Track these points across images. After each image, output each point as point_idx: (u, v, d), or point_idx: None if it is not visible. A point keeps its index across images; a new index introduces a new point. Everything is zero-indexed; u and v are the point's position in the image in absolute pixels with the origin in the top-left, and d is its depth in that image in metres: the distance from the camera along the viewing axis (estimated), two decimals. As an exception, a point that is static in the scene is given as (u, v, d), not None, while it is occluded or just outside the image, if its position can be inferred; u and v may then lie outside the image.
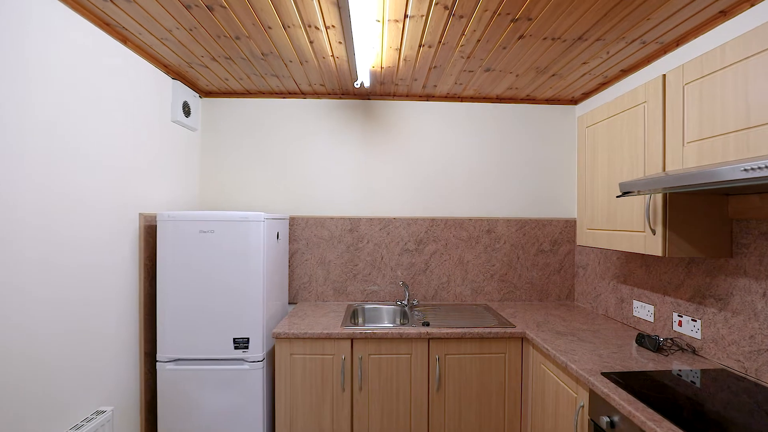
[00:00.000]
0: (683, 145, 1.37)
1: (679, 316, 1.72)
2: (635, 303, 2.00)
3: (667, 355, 1.60)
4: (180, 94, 2.29)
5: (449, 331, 1.96)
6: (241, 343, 1.94)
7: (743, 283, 1.44)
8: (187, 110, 2.37)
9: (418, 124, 2.62)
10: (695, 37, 1.67)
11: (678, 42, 1.74)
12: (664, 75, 1.46)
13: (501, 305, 2.51)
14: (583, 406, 1.48)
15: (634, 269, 2.02)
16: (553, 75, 2.16)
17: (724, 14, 1.52)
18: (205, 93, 2.56)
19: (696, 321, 1.63)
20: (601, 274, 2.31)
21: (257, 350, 1.97)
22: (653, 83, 1.51)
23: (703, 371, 1.44)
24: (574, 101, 2.61)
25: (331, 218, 2.57)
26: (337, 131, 2.59)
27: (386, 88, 2.45)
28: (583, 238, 1.99)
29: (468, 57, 1.96)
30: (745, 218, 1.43)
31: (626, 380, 1.36)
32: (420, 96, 2.60)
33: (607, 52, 1.87)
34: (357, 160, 2.59)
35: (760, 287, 1.38)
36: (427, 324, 2.04)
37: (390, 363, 1.96)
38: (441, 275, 2.60)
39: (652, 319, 1.88)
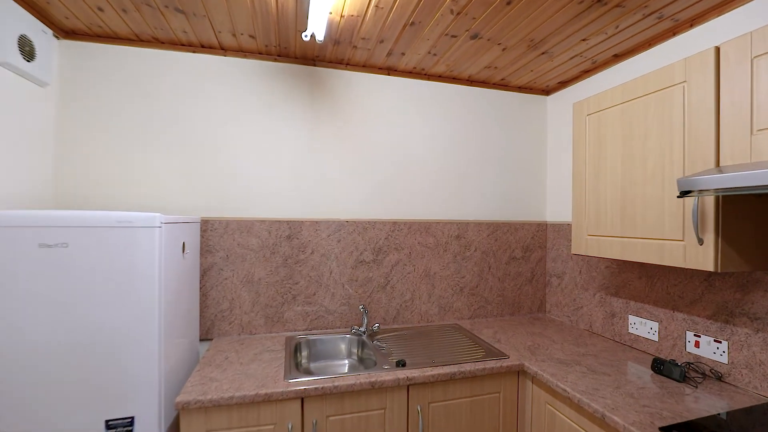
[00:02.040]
0: (752, 133, 1.10)
1: (696, 335, 1.50)
2: (631, 318, 1.77)
3: (696, 387, 1.35)
4: (11, 21, 1.42)
5: (435, 372, 1.49)
6: (121, 426, 1.20)
7: (792, 300, 1.23)
8: (27, 50, 1.50)
9: (378, 104, 2.10)
10: (716, 17, 1.46)
11: (692, 22, 1.53)
12: (717, 47, 1.18)
13: (473, 324, 2.13)
14: (631, 472, 1.13)
15: (629, 280, 1.79)
16: (543, 53, 1.84)
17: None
18: (66, 32, 1.69)
19: (721, 342, 1.42)
20: (583, 285, 2.06)
21: None
22: (698, 58, 1.22)
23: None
24: (547, 91, 2.35)
25: (263, 221, 1.91)
26: (272, 105, 1.93)
27: (340, 52, 1.88)
28: (582, 246, 1.69)
29: (459, 14, 1.51)
30: (795, 224, 1.22)
31: (694, 437, 1.04)
32: (380, 68, 2.08)
33: (617, 27, 1.58)
34: (299, 145, 1.97)
35: (816, 306, 1.18)
36: (402, 364, 1.53)
37: (357, 424, 1.41)
38: (404, 291, 2.12)
39: (655, 338, 1.65)
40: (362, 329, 1.91)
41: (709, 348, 1.45)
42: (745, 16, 1.37)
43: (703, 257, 1.21)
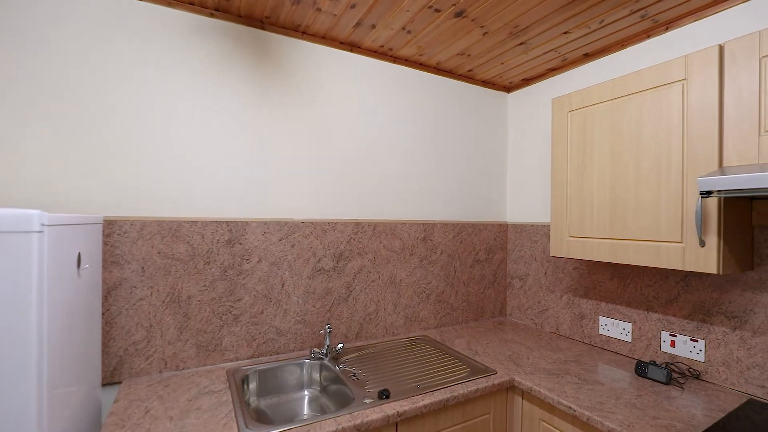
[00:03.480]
0: (759, 134, 1.09)
1: (671, 335, 1.52)
2: (602, 320, 1.76)
3: (682, 389, 1.35)
4: None
5: (427, 402, 1.25)
6: None
7: (770, 299, 1.28)
8: None
9: (340, 85, 1.79)
10: (692, 21, 1.48)
11: (668, 25, 1.55)
12: (721, 45, 1.16)
13: (441, 334, 1.95)
14: (655, 495, 1.04)
15: (600, 281, 1.78)
16: (521, 44, 1.73)
17: (717, 2, 1.35)
18: None
19: (698, 341, 1.44)
20: (549, 287, 2.03)
21: None
22: (700, 55, 1.20)
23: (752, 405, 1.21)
24: (508, 88, 2.29)
25: (194, 222, 1.47)
26: (207, 72, 1.50)
27: (299, 14, 1.54)
28: (562, 248, 1.62)
29: (453, -18, 1.30)
30: (773, 226, 1.27)
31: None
32: (342, 42, 1.77)
33: (601, 21, 1.53)
34: (242, 127, 1.57)
35: (794, 304, 1.23)
36: (386, 395, 1.27)
37: (339, 480, 1.11)
38: (368, 303, 1.85)
39: (629, 339, 1.65)
40: (323, 351, 1.59)
41: (686, 347, 1.47)
42: (718, 22, 1.41)
43: (705, 259, 1.18)
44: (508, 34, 1.65)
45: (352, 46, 1.80)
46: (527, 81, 2.16)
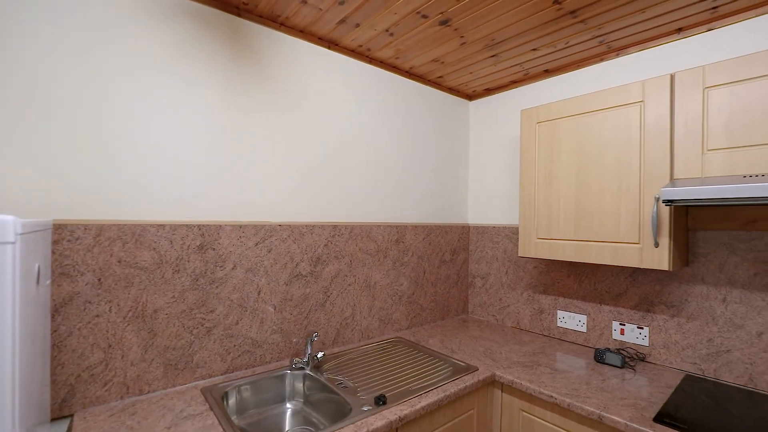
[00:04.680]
0: (703, 152, 1.29)
1: (621, 324, 1.73)
2: (560, 313, 1.94)
3: (634, 370, 1.54)
4: None
5: (425, 404, 1.27)
6: None
7: (700, 290, 1.52)
8: None
9: (319, 83, 1.71)
10: (638, 51, 1.70)
11: (619, 51, 1.75)
12: (672, 74, 1.35)
13: (414, 334, 1.98)
14: (630, 468, 1.18)
15: (558, 278, 1.96)
16: (494, 56, 1.83)
17: (679, 31, 1.58)
18: None
19: (643, 329, 1.66)
20: (510, 284, 2.17)
21: None
22: (655, 82, 1.38)
23: (702, 382, 1.42)
24: (470, 96, 2.40)
25: (161, 225, 1.30)
26: (176, 59, 1.34)
27: (281, 4, 1.44)
28: (530, 249, 1.75)
29: (447, -9, 1.33)
30: (704, 229, 1.51)
31: (683, 421, 1.14)
32: (321, 38, 1.71)
33: (567, 42, 1.68)
34: (215, 120, 1.43)
35: (719, 293, 1.48)
36: (383, 401, 1.26)
37: (346, 494, 1.08)
38: (344, 307, 1.81)
39: (584, 330, 1.84)
40: (305, 360, 1.52)
41: (633, 334, 1.69)
42: (664, 52, 1.63)
43: (659, 258, 1.37)
44: (484, 45, 1.73)
45: (331, 43, 1.74)
46: (489, 90, 2.29)
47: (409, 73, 2.07)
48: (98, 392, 1.20)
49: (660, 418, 1.17)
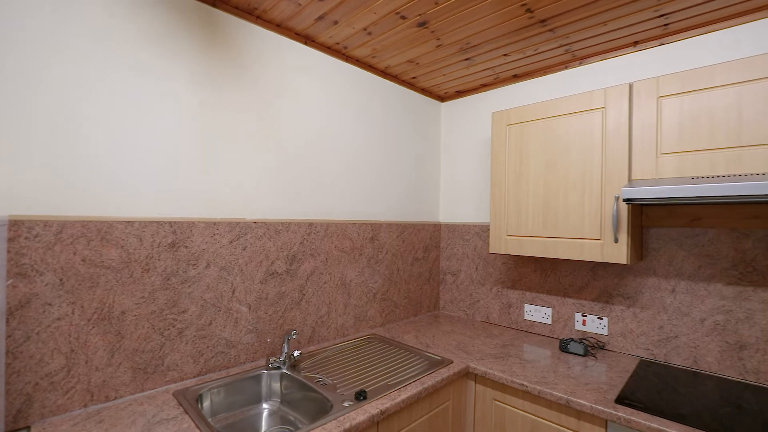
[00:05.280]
0: (657, 156, 1.41)
1: (583, 316, 1.84)
2: (527, 307, 2.03)
3: (596, 358, 1.66)
4: None
5: (405, 396, 1.29)
6: None
7: (653, 281, 1.66)
8: None
9: (295, 78, 1.69)
10: (599, 61, 1.82)
11: (582, 60, 1.87)
12: (630, 84, 1.47)
13: (388, 330, 2.00)
14: (595, 447, 1.27)
15: (525, 273, 2.05)
16: (467, 59, 1.89)
17: (635, 44, 1.71)
18: None
19: (602, 319, 1.78)
20: (479, 280, 2.25)
21: None
22: (616, 90, 1.49)
23: (663, 366, 1.54)
24: (442, 98, 2.45)
25: (130, 222, 1.23)
26: (145, 48, 1.27)
27: (259, -2, 1.41)
28: (501, 245, 1.83)
29: (426, -7, 1.37)
30: (655, 226, 1.65)
31: (640, 401, 1.24)
32: (298, 33, 1.68)
33: (536, 49, 1.77)
34: (188, 111, 1.37)
35: (668, 284, 1.62)
36: (363, 396, 1.27)
37: (329, 490, 1.08)
38: (320, 305, 1.79)
39: (549, 322, 1.95)
40: (281, 359, 1.50)
41: (593, 324, 1.81)
42: (624, 62, 1.76)
43: (618, 253, 1.48)
44: (459, 48, 1.79)
45: (307, 39, 1.73)
46: (460, 93, 2.36)
47: (384, 73, 2.09)
48: (59, 401, 1.12)
49: (620, 400, 1.26)
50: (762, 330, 1.42)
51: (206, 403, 1.31)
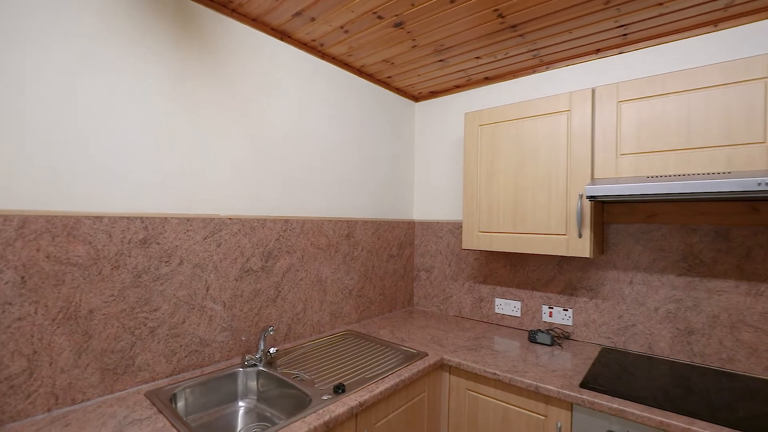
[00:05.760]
0: (617, 157, 1.51)
1: (549, 308, 1.94)
2: (498, 300, 2.11)
3: (561, 347, 1.75)
4: None
5: (382, 389, 1.32)
6: None
7: (613, 274, 1.77)
8: None
9: (271, 73, 1.67)
10: (565, 66, 1.92)
11: (548, 65, 1.97)
12: (594, 89, 1.56)
13: (364, 326, 2.02)
14: (561, 427, 1.34)
15: (496, 269, 2.13)
16: (441, 60, 1.94)
17: (598, 52, 1.82)
18: None
19: (568, 310, 1.88)
20: (452, 276, 2.31)
21: None
22: (580, 94, 1.58)
23: (603, 351, 1.65)
24: (416, 98, 2.50)
25: (98, 217, 1.19)
26: (112, 35, 1.22)
27: (234, -9, 1.40)
28: (473, 241, 1.89)
29: (403, -6, 1.40)
30: (615, 222, 1.76)
31: (601, 385, 1.33)
32: (274, 28, 1.67)
33: (506, 53, 1.85)
34: (159, 105, 1.33)
35: (627, 277, 1.73)
36: (342, 389, 1.28)
37: (309, 482, 1.08)
38: (296, 302, 1.78)
39: (518, 314, 2.04)
40: (258, 357, 1.48)
41: (560, 315, 1.91)
42: (588, 68, 1.87)
43: (582, 247, 1.57)
44: (434, 50, 1.83)
45: (283, 35, 1.72)
46: (434, 93, 2.42)
47: (360, 71, 2.10)
48: (20, 405, 1.06)
49: (584, 384, 1.35)
50: (707, 316, 1.55)
51: (180, 403, 1.28)
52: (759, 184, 1.12)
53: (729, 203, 1.53)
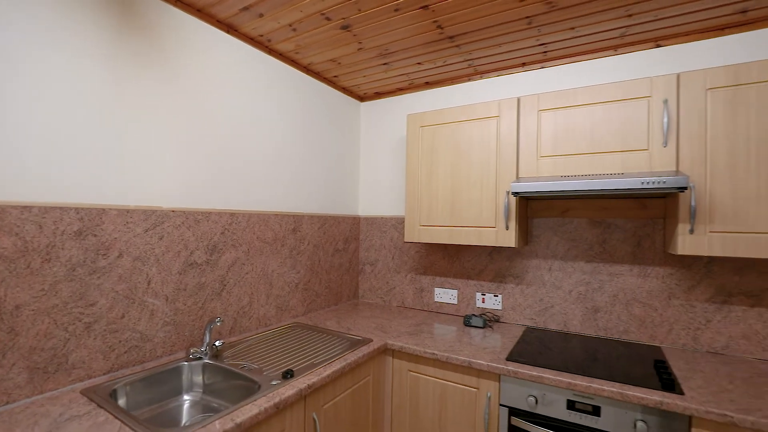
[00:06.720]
0: (537, 158, 1.72)
1: (482, 294, 2.13)
2: (437, 290, 2.27)
3: (492, 329, 1.95)
4: None
5: (330, 372, 1.39)
6: None
7: (535, 262, 2.00)
8: None
9: (215, 66, 1.66)
10: (497, 76, 2.13)
11: (482, 74, 2.16)
12: (519, 98, 1.77)
13: (310, 319, 2.07)
14: (490, 397, 1.51)
15: (435, 260, 2.29)
16: (385, 63, 2.05)
17: (523, 65, 2.04)
18: None
19: (498, 296, 2.09)
20: (395, 269, 2.44)
21: None
22: (507, 102, 1.78)
23: (529, 330, 1.87)
24: (362, 98, 2.59)
25: (27, 207, 1.12)
26: (47, 19, 1.16)
27: (179, -19, 1.38)
28: (415, 234, 2.03)
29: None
30: (537, 216, 2.00)
31: (524, 357, 1.52)
32: (220, 21, 1.66)
33: (444, 61, 2.01)
34: (97, 91, 1.28)
35: (546, 264, 1.97)
36: (291, 374, 1.33)
37: (259, 462, 1.12)
38: (242, 296, 1.78)
39: (455, 302, 2.21)
40: (203, 350, 1.48)
41: (491, 301, 2.11)
42: (515, 79, 2.09)
43: (509, 238, 1.77)
44: (378, 53, 1.94)
45: (230, 28, 1.71)
46: (379, 95, 2.53)
47: (307, 69, 2.15)
48: (-67, 409, 0.98)
49: (510, 358, 1.53)
50: (609, 296, 1.83)
51: (122, 400, 1.24)
52: (642, 183, 1.37)
53: (624, 200, 1.82)
